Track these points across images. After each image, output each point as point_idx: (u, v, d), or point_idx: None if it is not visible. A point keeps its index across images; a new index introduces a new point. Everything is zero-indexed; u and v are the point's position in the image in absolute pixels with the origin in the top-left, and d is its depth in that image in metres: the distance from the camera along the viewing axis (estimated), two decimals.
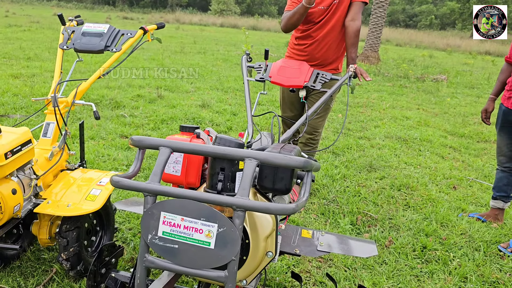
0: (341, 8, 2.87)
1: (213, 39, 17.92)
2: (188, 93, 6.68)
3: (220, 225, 1.16)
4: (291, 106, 3.17)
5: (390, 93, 8.25)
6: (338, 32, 2.94)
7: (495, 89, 3.04)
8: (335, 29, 2.92)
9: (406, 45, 26.16)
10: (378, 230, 2.93)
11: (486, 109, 3.06)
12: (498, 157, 3.08)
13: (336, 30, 2.93)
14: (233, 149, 1.23)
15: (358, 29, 2.85)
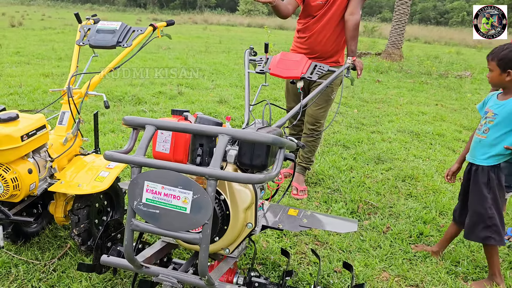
0: (338, 2, 2.99)
1: (238, 39, 18.17)
2: (208, 90, 6.89)
3: (195, 192, 1.32)
4: (294, 96, 3.31)
5: (410, 90, 8.23)
6: (335, 26, 3.05)
7: None
8: (332, 22, 3.04)
9: (435, 43, 25.70)
10: (378, 217, 3.03)
11: None
12: None
13: (334, 23, 3.05)
14: (208, 126, 1.39)
15: (357, 22, 2.96)
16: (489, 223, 2.26)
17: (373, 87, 8.22)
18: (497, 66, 2.20)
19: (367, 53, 13.00)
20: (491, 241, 2.27)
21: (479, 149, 2.30)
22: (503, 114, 2.20)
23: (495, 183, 2.26)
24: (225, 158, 1.64)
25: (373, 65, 10.81)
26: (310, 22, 3.11)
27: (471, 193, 2.35)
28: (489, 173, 2.26)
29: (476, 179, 2.31)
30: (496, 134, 2.23)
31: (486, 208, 2.26)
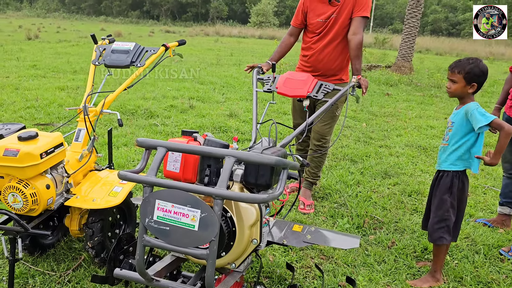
0: (339, 21, 3.09)
1: (250, 51, 18.36)
2: (219, 103, 7.02)
3: (203, 211, 1.41)
4: (300, 113, 3.40)
5: (419, 103, 8.27)
6: (336, 44, 3.15)
7: (500, 99, 3.15)
8: (334, 41, 3.14)
9: (447, 54, 25.65)
10: (383, 232, 3.09)
11: None
12: (503, 164, 3.17)
13: (335, 42, 3.14)
14: (215, 148, 1.49)
15: (360, 42, 3.05)
16: (443, 224, 2.44)
17: (382, 100, 8.28)
18: (463, 79, 2.35)
19: (377, 66, 13.06)
20: (443, 241, 2.45)
21: (443, 156, 2.48)
22: (458, 120, 2.39)
23: (456, 188, 2.42)
24: (232, 177, 1.73)
25: (383, 78, 10.86)
26: (312, 41, 3.22)
27: (433, 197, 2.51)
28: (453, 179, 2.42)
29: (439, 184, 2.47)
30: (455, 140, 2.40)
31: (444, 211, 2.43)
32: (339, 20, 3.10)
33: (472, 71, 2.33)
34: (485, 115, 2.26)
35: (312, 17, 3.16)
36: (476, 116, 2.27)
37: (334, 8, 3.11)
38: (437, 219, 2.45)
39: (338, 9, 3.09)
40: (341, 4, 3.08)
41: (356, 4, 3.05)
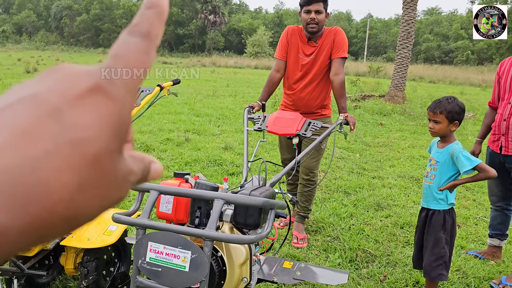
0: (319, 62, 3.23)
1: (245, 81, 18.66)
2: (214, 136, 7.12)
3: (193, 252, 1.48)
4: (287, 149, 3.50)
5: (412, 132, 8.40)
6: (317, 84, 3.27)
7: (481, 133, 3.25)
8: (314, 81, 3.27)
9: (440, 82, 26.10)
10: (375, 266, 3.13)
11: (473, 151, 3.25)
12: (490, 197, 3.25)
13: (315, 82, 3.27)
14: (205, 191, 1.56)
15: (342, 81, 3.18)
16: (441, 261, 2.48)
17: (376, 131, 8.41)
18: (445, 118, 2.44)
19: (370, 95, 13.29)
20: (442, 278, 2.50)
21: (430, 195, 2.54)
22: (442, 160, 2.46)
23: (449, 224, 2.49)
24: (222, 217, 1.80)
25: (377, 107, 11.05)
26: (293, 80, 3.35)
27: (428, 235, 2.55)
28: (445, 216, 2.49)
29: (431, 221, 2.52)
30: (441, 180, 2.47)
31: (440, 248, 2.48)
32: (318, 60, 3.23)
33: (454, 109, 2.43)
34: (470, 160, 2.34)
35: (293, 52, 3.31)
36: (462, 160, 2.36)
37: (312, 49, 3.25)
38: (435, 257, 2.48)
39: (317, 51, 3.23)
40: (319, 46, 3.23)
41: (334, 46, 3.20)
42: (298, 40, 3.31)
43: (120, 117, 0.26)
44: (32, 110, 0.23)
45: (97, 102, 0.25)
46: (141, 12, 0.31)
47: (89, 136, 0.24)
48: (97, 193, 0.25)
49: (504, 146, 2.98)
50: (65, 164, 0.23)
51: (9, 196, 0.21)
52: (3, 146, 0.22)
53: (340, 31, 3.28)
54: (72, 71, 0.26)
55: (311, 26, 3.18)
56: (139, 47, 0.29)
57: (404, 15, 12.08)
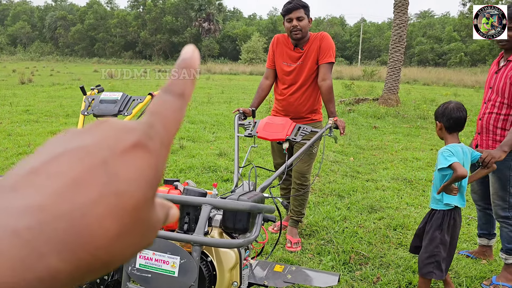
0: (306, 68, 3.27)
1: (240, 88, 18.72)
2: (209, 143, 7.15)
3: (182, 257, 1.51)
4: (279, 153, 3.54)
5: (406, 135, 8.46)
6: (305, 89, 3.32)
7: None
8: (303, 86, 3.31)
9: (434, 84, 26.24)
10: (368, 268, 3.15)
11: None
12: (472, 195, 3.29)
13: (304, 88, 3.31)
14: (192, 197, 1.59)
15: (330, 86, 3.22)
16: (433, 259, 2.53)
17: (370, 134, 8.46)
18: (435, 121, 2.59)
19: (364, 99, 13.36)
20: (432, 275, 2.54)
21: (432, 195, 2.62)
22: (436, 162, 2.56)
23: (448, 225, 2.52)
24: (211, 223, 1.83)
25: (370, 111, 11.11)
26: (283, 87, 3.40)
27: (425, 233, 2.61)
28: (444, 217, 2.53)
29: (431, 221, 2.58)
30: (436, 180, 2.56)
31: (434, 247, 2.52)
32: (306, 66, 3.27)
33: (436, 112, 2.52)
34: (445, 159, 2.40)
35: (279, 60, 3.36)
36: (439, 159, 2.46)
37: (299, 55, 3.30)
38: (427, 254, 2.54)
39: (303, 56, 3.28)
40: (306, 52, 3.27)
41: (320, 52, 3.24)
42: (284, 48, 3.36)
43: (156, 170, 0.28)
44: (83, 161, 0.25)
45: (138, 157, 0.27)
46: (175, 71, 0.34)
47: (131, 188, 0.26)
48: (132, 241, 0.27)
49: (479, 145, 3.02)
50: (109, 213, 0.25)
51: (63, 242, 0.23)
52: (58, 193, 0.24)
53: (326, 36, 3.32)
54: (117, 126, 0.29)
55: (295, 32, 3.22)
56: (174, 106, 0.32)
57: (395, 19, 12.18)
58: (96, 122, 0.29)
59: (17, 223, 0.23)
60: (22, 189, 0.24)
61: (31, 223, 0.23)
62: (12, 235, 0.22)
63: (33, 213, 0.23)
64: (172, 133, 0.31)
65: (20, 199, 0.24)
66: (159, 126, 0.30)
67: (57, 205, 0.23)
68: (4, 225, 0.22)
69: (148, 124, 0.30)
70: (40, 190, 0.24)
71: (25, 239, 0.22)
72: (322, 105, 3.49)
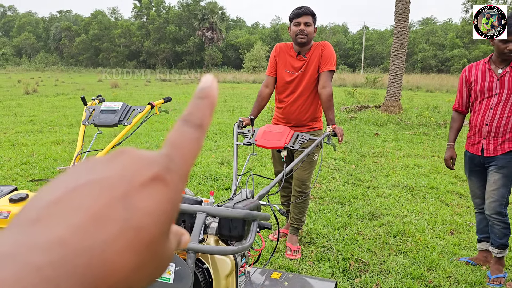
0: (307, 76, 3.31)
1: (243, 96, 18.79)
2: (211, 151, 7.19)
3: (177, 264, 1.53)
4: (279, 161, 3.56)
5: (408, 142, 8.46)
6: (306, 97, 3.35)
7: (452, 137, 3.32)
8: (304, 94, 3.34)
9: (437, 91, 26.24)
10: (368, 275, 3.16)
11: (451, 156, 3.32)
12: (473, 200, 3.31)
13: (305, 95, 3.34)
14: (187, 204, 1.62)
15: (330, 94, 3.25)
16: None
17: (371, 141, 8.48)
18: None
19: (367, 106, 13.38)
20: None
21: None
22: None
23: None
24: (207, 230, 1.85)
25: (372, 118, 11.12)
26: (284, 95, 3.42)
27: None
28: None
29: None
30: None
31: None
32: (307, 74, 3.31)
33: None
34: None
35: (281, 68, 3.39)
36: None
37: (301, 62, 3.33)
38: None
39: (305, 65, 3.31)
40: (308, 60, 3.31)
41: (321, 60, 3.28)
42: (287, 56, 3.40)
43: (174, 203, 0.29)
44: (103, 195, 0.25)
45: (157, 191, 0.27)
46: (194, 102, 0.33)
47: (149, 223, 0.26)
48: (148, 272, 0.27)
49: (486, 148, 3.07)
50: (127, 247, 0.25)
51: (83, 277, 0.23)
52: (80, 227, 0.24)
53: (327, 45, 3.36)
54: (137, 158, 0.29)
55: (301, 36, 3.26)
56: (193, 137, 0.31)
57: (396, 26, 12.24)
58: (117, 151, 0.29)
59: (40, 259, 0.22)
60: (45, 222, 0.24)
61: (54, 259, 0.23)
62: (35, 272, 0.22)
63: (56, 248, 0.23)
64: (189, 165, 0.31)
65: (43, 233, 0.24)
66: (177, 159, 0.30)
67: (79, 240, 0.23)
68: (29, 262, 0.22)
69: (167, 156, 0.29)
70: (63, 224, 0.24)
71: (47, 275, 0.22)
72: (322, 113, 3.52)
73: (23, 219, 0.25)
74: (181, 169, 0.30)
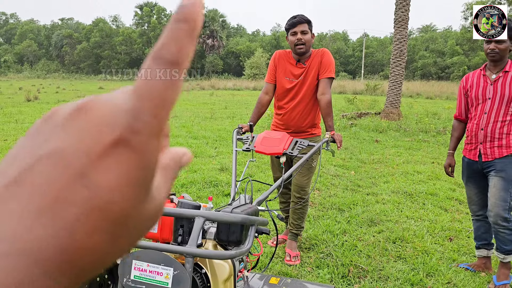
0: (307, 83, 3.33)
1: (244, 103, 18.84)
2: (211, 158, 7.20)
3: (175, 268, 1.54)
4: (278, 167, 3.57)
5: (407, 148, 8.48)
6: (306, 104, 3.37)
7: (452, 145, 3.34)
8: (303, 101, 3.36)
9: (437, 98, 26.32)
10: (367, 281, 3.16)
11: (450, 163, 3.34)
12: (470, 207, 3.31)
13: (304, 102, 3.36)
14: (185, 209, 1.63)
15: (329, 101, 3.27)
16: None
17: (371, 148, 8.49)
18: None
19: (366, 113, 13.42)
20: None
21: None
22: None
23: None
24: (206, 235, 1.87)
25: (372, 124, 11.15)
26: (283, 102, 3.44)
27: None
28: None
29: None
30: None
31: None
32: (307, 81, 3.34)
33: None
34: None
35: (281, 75, 3.41)
36: None
37: (301, 70, 3.36)
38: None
39: (305, 72, 3.34)
40: (307, 67, 3.34)
41: (321, 67, 3.31)
42: (287, 63, 3.43)
43: (144, 168, 0.25)
44: (59, 174, 0.23)
45: (120, 159, 0.24)
46: (170, 27, 0.26)
47: (115, 198, 0.24)
48: (125, 243, 0.26)
49: (483, 153, 3.08)
50: (96, 227, 0.23)
51: (54, 262, 0.22)
52: (43, 212, 0.22)
53: (326, 52, 3.39)
54: (96, 118, 0.25)
55: (299, 47, 3.29)
56: (165, 82, 0.25)
57: (396, 34, 12.31)
58: (78, 107, 0.25)
59: (5, 248, 0.22)
60: (6, 204, 0.23)
61: (19, 247, 0.22)
62: (6, 258, 0.21)
63: (18, 238, 0.22)
64: (163, 118, 0.25)
65: (5, 221, 0.22)
66: (146, 113, 0.24)
67: (41, 227, 0.22)
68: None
69: (132, 112, 0.24)
70: (21, 212, 0.22)
71: (15, 264, 0.21)
72: (321, 119, 3.54)
73: None
74: (153, 125, 0.24)
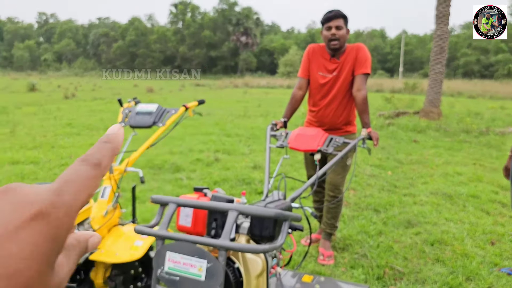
0: (341, 79, 3.25)
1: (277, 101, 18.77)
2: (244, 155, 7.20)
3: (209, 261, 1.52)
4: (312, 165, 3.51)
5: (447, 149, 8.20)
6: (341, 100, 3.29)
7: None
8: (338, 97, 3.28)
9: (479, 97, 25.38)
10: (403, 283, 3.06)
11: (506, 166, 3.18)
12: None
13: (339, 98, 3.28)
14: (219, 203, 1.61)
15: (364, 97, 3.18)
16: None
17: (409, 148, 8.27)
18: None
19: (404, 112, 13.08)
20: None
21: None
22: None
23: None
24: (239, 230, 1.84)
25: (411, 124, 10.86)
26: (317, 98, 3.37)
27: None
28: None
29: None
30: None
31: None
32: (341, 77, 3.25)
33: None
34: None
35: (314, 70, 3.34)
36: None
37: (335, 65, 3.28)
38: None
39: (339, 68, 3.26)
40: (342, 63, 3.25)
41: (356, 63, 3.21)
42: (320, 58, 3.35)
43: (55, 240, 0.28)
44: None
45: (35, 232, 0.27)
46: (97, 145, 0.35)
47: (22, 268, 0.26)
48: None
49: None
50: None
51: None
52: None
53: (362, 47, 3.30)
54: (19, 197, 0.29)
55: (333, 42, 3.21)
56: (88, 174, 0.33)
57: (436, 30, 11.94)
58: (2, 190, 0.29)
59: None
60: None
61: None
62: None
63: None
64: (81, 201, 0.31)
65: None
66: (67, 194, 0.30)
67: None
68: None
69: (56, 191, 0.30)
70: None
71: None
72: (356, 117, 3.45)
73: None
74: (70, 204, 0.30)
